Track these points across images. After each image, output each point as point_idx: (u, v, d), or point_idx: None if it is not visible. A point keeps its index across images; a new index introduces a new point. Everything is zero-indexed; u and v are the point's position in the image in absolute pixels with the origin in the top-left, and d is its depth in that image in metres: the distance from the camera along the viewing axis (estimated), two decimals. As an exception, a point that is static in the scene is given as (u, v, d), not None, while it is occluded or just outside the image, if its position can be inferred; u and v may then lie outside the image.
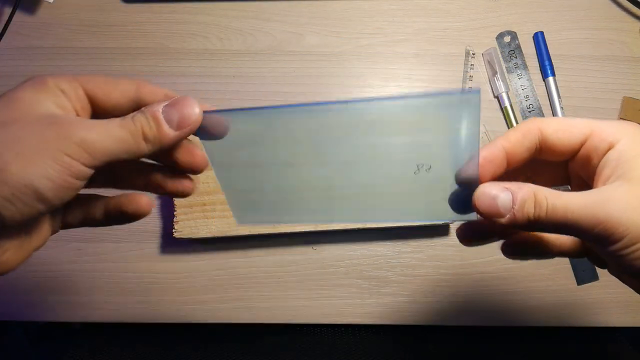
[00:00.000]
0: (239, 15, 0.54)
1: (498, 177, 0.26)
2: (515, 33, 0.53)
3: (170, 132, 0.24)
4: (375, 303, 0.49)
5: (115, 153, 0.23)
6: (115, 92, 0.25)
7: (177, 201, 0.45)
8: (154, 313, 0.49)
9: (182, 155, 0.27)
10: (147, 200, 0.27)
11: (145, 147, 0.24)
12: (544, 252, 0.28)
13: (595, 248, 0.24)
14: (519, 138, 0.25)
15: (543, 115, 0.51)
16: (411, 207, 0.27)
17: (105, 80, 0.26)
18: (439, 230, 0.49)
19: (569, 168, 0.28)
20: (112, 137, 0.23)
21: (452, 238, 0.49)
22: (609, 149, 0.24)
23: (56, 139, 0.21)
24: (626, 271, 0.23)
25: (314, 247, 0.49)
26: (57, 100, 0.23)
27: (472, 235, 0.27)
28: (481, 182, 0.24)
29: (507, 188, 0.23)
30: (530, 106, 0.51)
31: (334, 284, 0.49)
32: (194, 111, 0.25)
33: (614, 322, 0.49)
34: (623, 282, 0.27)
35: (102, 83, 0.25)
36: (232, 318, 0.49)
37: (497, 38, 0.53)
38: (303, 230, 0.46)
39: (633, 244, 0.21)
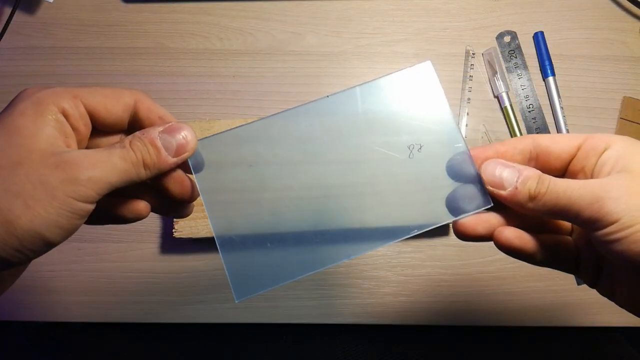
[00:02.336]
0: (239, 15, 0.54)
1: None
2: (515, 33, 0.53)
3: (168, 159, 0.24)
4: (375, 303, 0.49)
5: (116, 184, 0.23)
6: (117, 107, 0.25)
7: (177, 201, 0.45)
8: (153, 313, 0.49)
9: (173, 186, 0.26)
10: (144, 204, 0.27)
11: (144, 174, 0.24)
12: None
13: (588, 233, 0.24)
14: (512, 141, 0.26)
15: (543, 115, 0.51)
16: (410, 210, 0.28)
17: (106, 95, 0.25)
18: (439, 230, 0.49)
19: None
20: (116, 171, 0.23)
21: (452, 238, 0.49)
22: (606, 149, 0.24)
23: (64, 184, 0.21)
24: (613, 259, 0.23)
25: (314, 247, 0.49)
26: (57, 125, 0.23)
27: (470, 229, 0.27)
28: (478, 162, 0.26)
29: (513, 166, 0.25)
30: (530, 106, 0.51)
31: (334, 284, 0.49)
32: (191, 138, 0.25)
33: (614, 322, 0.49)
34: (614, 299, 0.27)
35: (103, 98, 0.25)
36: (232, 318, 0.49)
37: (497, 38, 0.53)
38: (302, 230, 0.46)
39: (623, 229, 0.21)
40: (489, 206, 0.26)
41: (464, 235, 0.26)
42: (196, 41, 0.53)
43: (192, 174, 0.27)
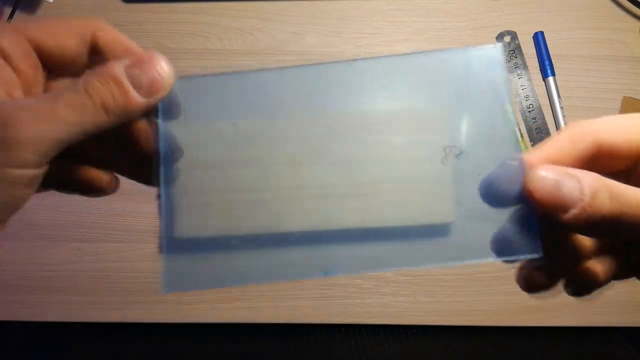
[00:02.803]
0: (239, 15, 0.54)
1: None
2: (515, 33, 0.53)
3: (139, 100, 0.19)
4: (375, 303, 0.49)
5: (68, 139, 0.18)
6: (70, 40, 0.20)
7: (177, 201, 0.45)
8: (154, 313, 0.49)
9: (143, 138, 0.21)
10: (109, 176, 0.23)
11: (105, 121, 0.19)
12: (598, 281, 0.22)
13: None
14: (566, 145, 0.19)
15: (543, 115, 0.51)
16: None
17: (55, 26, 0.20)
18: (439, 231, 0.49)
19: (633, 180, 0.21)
20: (65, 123, 0.18)
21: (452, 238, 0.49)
22: None
23: None
24: None
25: (314, 247, 0.49)
26: None
27: (538, 278, 0.21)
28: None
29: (570, 173, 0.18)
30: (530, 106, 0.51)
31: (334, 284, 0.49)
32: (166, 71, 0.20)
33: (614, 322, 0.49)
34: None
35: (51, 30, 0.20)
36: (233, 318, 0.49)
37: (497, 38, 0.53)
38: (303, 230, 0.46)
39: None
40: (538, 256, 0.19)
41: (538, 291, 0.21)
42: (196, 41, 0.53)
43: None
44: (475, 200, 0.20)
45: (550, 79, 0.51)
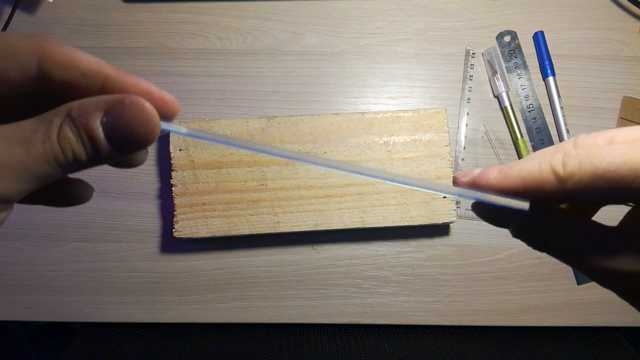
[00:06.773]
0: (239, 15, 0.54)
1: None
2: (515, 33, 0.53)
3: (111, 156, 0.16)
4: (375, 303, 0.49)
5: (33, 189, 0.16)
6: (11, 72, 0.16)
7: (177, 201, 0.45)
8: (154, 313, 0.49)
9: None
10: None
11: (74, 171, 0.16)
12: None
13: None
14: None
15: (543, 115, 0.51)
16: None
17: None
18: (439, 230, 0.49)
19: None
20: (33, 177, 0.16)
21: (452, 238, 0.49)
22: None
23: None
24: None
25: (314, 247, 0.49)
26: None
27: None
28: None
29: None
30: (530, 106, 0.51)
31: (334, 284, 0.49)
32: (152, 126, 0.17)
33: (614, 322, 0.49)
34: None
35: None
36: (232, 318, 0.49)
37: (497, 38, 0.53)
38: (303, 230, 0.46)
39: None
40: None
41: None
42: (196, 41, 0.53)
43: None
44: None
45: (550, 78, 0.51)
